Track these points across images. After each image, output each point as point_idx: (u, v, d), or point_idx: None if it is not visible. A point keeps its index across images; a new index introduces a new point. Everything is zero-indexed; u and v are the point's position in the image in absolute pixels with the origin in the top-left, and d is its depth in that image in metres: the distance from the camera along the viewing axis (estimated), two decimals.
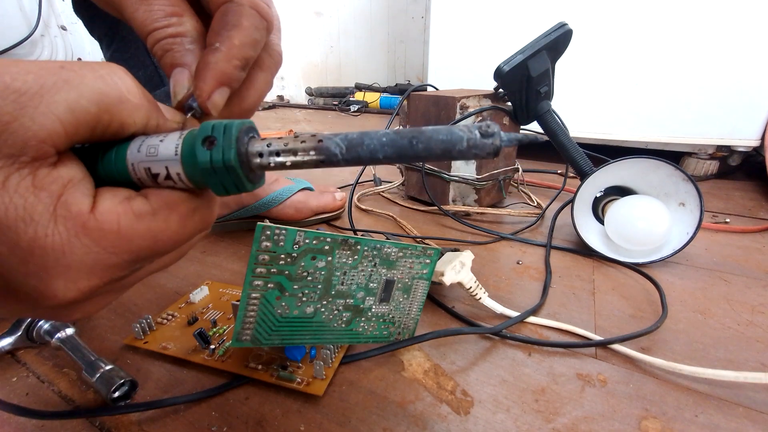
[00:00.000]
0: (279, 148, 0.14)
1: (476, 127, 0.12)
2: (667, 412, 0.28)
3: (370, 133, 0.13)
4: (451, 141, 0.12)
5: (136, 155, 0.15)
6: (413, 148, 0.13)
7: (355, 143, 0.13)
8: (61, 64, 0.13)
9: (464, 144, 0.12)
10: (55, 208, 0.13)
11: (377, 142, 0.13)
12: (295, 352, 0.30)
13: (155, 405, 0.28)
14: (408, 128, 0.13)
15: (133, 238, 0.14)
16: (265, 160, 0.14)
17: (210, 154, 0.14)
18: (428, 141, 0.13)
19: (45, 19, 1.26)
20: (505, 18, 0.87)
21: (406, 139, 0.13)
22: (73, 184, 0.13)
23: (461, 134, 0.12)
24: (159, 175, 0.15)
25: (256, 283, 0.25)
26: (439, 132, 0.13)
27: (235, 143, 0.14)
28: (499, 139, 0.12)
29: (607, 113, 0.85)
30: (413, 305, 0.32)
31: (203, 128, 0.14)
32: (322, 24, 2.20)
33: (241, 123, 0.14)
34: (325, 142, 0.13)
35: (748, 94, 0.72)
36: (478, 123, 0.13)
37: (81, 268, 0.13)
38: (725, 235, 0.57)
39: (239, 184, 0.14)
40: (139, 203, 0.14)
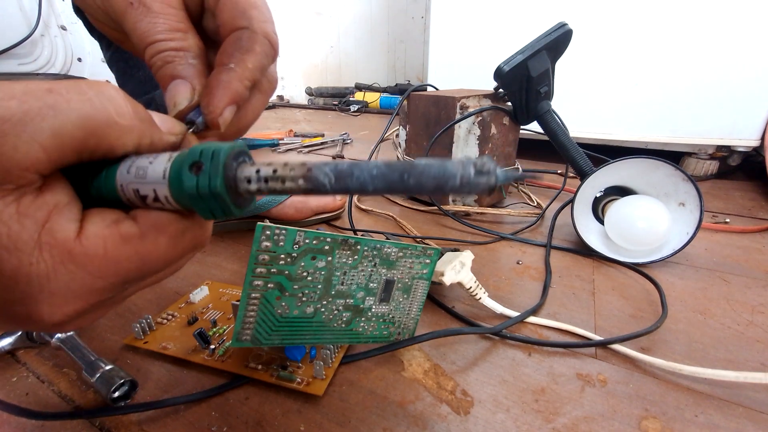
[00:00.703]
0: (268, 174, 0.13)
1: (471, 163, 0.12)
2: (667, 412, 0.28)
3: (360, 165, 0.13)
4: (443, 177, 0.12)
5: (125, 176, 0.15)
6: (404, 183, 0.12)
7: (344, 174, 0.13)
8: (48, 87, 0.12)
9: (457, 181, 0.12)
10: (39, 236, 0.13)
11: (367, 175, 0.12)
12: (295, 352, 0.31)
13: (155, 405, 0.28)
14: (400, 161, 0.12)
15: (120, 262, 0.14)
16: (253, 186, 0.14)
17: (197, 179, 0.13)
18: (420, 176, 0.12)
19: (45, 19, 1.26)
20: (505, 18, 0.87)
21: (396, 172, 0.12)
22: (59, 210, 0.13)
23: (454, 171, 0.12)
24: (147, 196, 0.15)
25: (256, 283, 0.25)
26: (432, 167, 0.12)
27: (222, 170, 0.13)
28: (494, 178, 0.12)
29: (607, 113, 0.85)
30: (413, 305, 0.32)
31: (192, 152, 0.14)
32: (322, 24, 2.20)
33: (230, 147, 0.14)
34: (314, 171, 0.13)
35: (748, 94, 0.72)
36: (474, 159, 0.12)
37: (66, 294, 0.13)
38: (725, 235, 0.57)
39: (226, 210, 0.14)
40: (127, 226, 0.14)
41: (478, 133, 0.58)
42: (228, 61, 0.17)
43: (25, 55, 1.24)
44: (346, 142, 1.21)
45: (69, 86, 0.13)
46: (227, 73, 0.17)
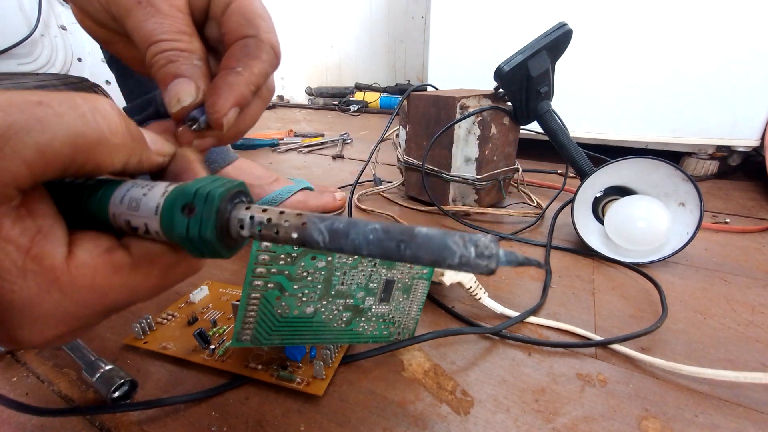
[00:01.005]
0: (261, 223, 0.13)
1: (473, 243, 0.11)
2: (667, 412, 0.28)
3: (358, 226, 0.12)
4: (441, 254, 0.11)
5: (117, 206, 0.14)
6: (399, 253, 0.12)
7: (339, 235, 0.12)
8: (38, 99, 0.12)
9: (456, 260, 0.11)
10: (24, 263, 0.12)
11: (363, 239, 0.12)
12: (295, 352, 0.31)
13: (155, 404, 0.28)
14: (399, 227, 0.12)
15: (109, 293, 0.14)
16: (245, 233, 0.13)
17: (188, 223, 0.13)
18: (417, 249, 0.12)
19: (45, 19, 1.26)
20: (505, 18, 0.87)
21: (394, 242, 0.12)
22: (43, 235, 0.13)
23: (454, 249, 0.11)
24: (138, 228, 0.14)
25: (256, 283, 0.25)
26: (432, 241, 0.11)
27: (214, 217, 0.13)
28: (495, 262, 0.11)
29: (607, 113, 0.85)
30: (413, 305, 0.32)
31: (185, 192, 0.13)
32: (322, 24, 2.20)
33: (225, 190, 0.13)
34: (308, 226, 0.13)
35: (748, 95, 0.72)
36: (477, 238, 0.11)
37: (48, 320, 0.13)
38: (725, 235, 0.57)
39: (215, 254, 0.14)
40: (119, 256, 0.14)
41: (478, 133, 0.58)
42: (235, 65, 0.18)
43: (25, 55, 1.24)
44: (346, 142, 1.21)
45: (62, 99, 0.12)
46: (235, 76, 0.18)
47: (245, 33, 0.18)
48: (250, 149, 1.13)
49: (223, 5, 0.19)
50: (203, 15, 0.20)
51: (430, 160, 0.63)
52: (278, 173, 0.60)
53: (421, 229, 0.12)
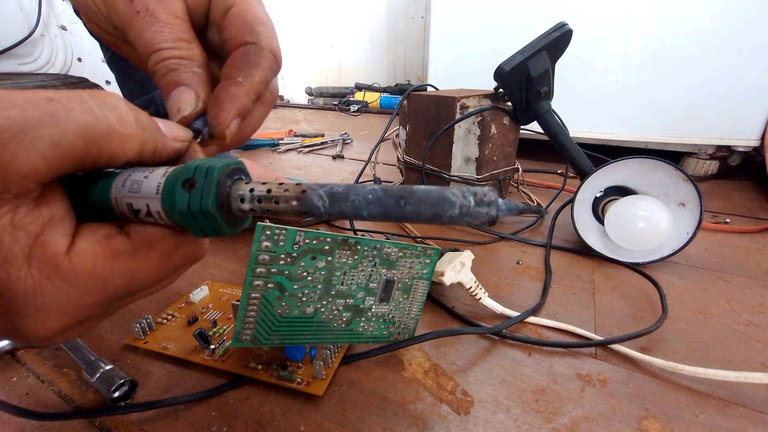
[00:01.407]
0: (261, 194, 0.13)
1: (471, 192, 0.11)
2: (667, 412, 0.28)
3: (356, 188, 0.12)
4: (441, 206, 0.11)
5: (120, 190, 0.14)
6: (400, 210, 0.12)
7: (339, 198, 0.12)
8: (49, 96, 0.12)
9: (456, 211, 0.11)
10: (30, 250, 0.12)
11: (362, 199, 0.12)
12: (295, 352, 0.30)
13: (155, 405, 0.28)
14: (398, 186, 0.12)
15: (109, 279, 0.14)
16: (246, 206, 0.13)
17: (188, 197, 0.13)
18: (417, 203, 0.12)
19: (45, 19, 1.26)
20: (505, 18, 0.87)
21: (393, 198, 0.12)
22: (54, 224, 0.13)
23: (453, 200, 0.11)
24: (140, 211, 0.14)
25: (256, 283, 0.25)
26: (430, 194, 0.12)
27: (215, 188, 0.13)
28: (495, 209, 0.11)
29: (607, 113, 0.85)
30: (413, 305, 0.32)
31: (186, 169, 0.13)
32: (322, 24, 2.19)
33: (225, 165, 0.13)
34: (308, 193, 0.13)
35: (748, 94, 0.72)
36: (474, 189, 0.11)
37: (52, 310, 0.13)
38: (725, 235, 0.57)
39: (217, 229, 0.14)
40: (118, 242, 0.14)
41: (478, 133, 0.58)
42: (236, 74, 0.18)
43: (25, 55, 1.24)
44: (346, 142, 1.21)
45: (70, 95, 0.13)
46: (236, 86, 0.18)
47: (246, 39, 0.18)
48: (250, 149, 1.13)
49: (223, 10, 0.19)
50: (204, 20, 0.20)
51: (430, 160, 0.63)
52: (278, 173, 0.60)
53: (419, 186, 0.12)
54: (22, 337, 0.14)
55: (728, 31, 0.70)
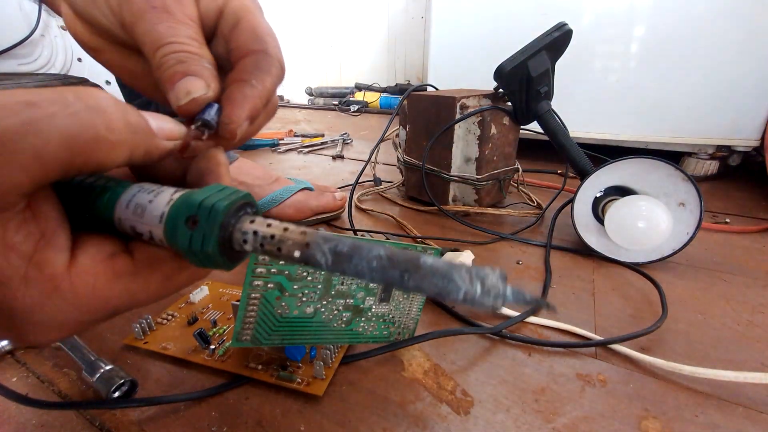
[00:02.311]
0: (264, 239, 0.13)
1: (479, 279, 0.11)
2: (667, 412, 0.28)
3: (362, 251, 0.12)
4: (446, 288, 0.11)
5: (123, 211, 0.14)
6: (403, 283, 0.11)
7: (342, 259, 0.12)
8: (27, 100, 0.11)
9: (460, 296, 0.11)
10: (26, 271, 0.12)
11: (366, 266, 0.12)
12: (295, 352, 0.30)
13: (154, 401, 0.28)
14: (405, 255, 0.12)
15: (109, 299, 0.14)
16: (248, 247, 0.13)
17: (190, 236, 0.13)
18: (421, 281, 0.11)
19: (45, 19, 1.26)
20: (505, 18, 0.87)
21: (398, 271, 0.11)
22: (46, 241, 0.13)
23: (459, 284, 0.11)
24: (143, 235, 0.14)
25: (256, 283, 0.25)
26: (436, 272, 0.11)
27: (218, 231, 0.13)
28: (501, 302, 0.11)
29: (607, 113, 0.85)
30: (413, 305, 0.32)
31: (190, 205, 0.13)
32: (322, 24, 2.19)
33: (231, 203, 0.13)
34: (311, 247, 0.12)
35: (748, 94, 0.72)
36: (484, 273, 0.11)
37: (51, 325, 0.13)
38: (725, 235, 0.57)
39: (218, 266, 0.14)
40: (122, 262, 0.14)
41: (478, 133, 0.58)
42: (249, 77, 0.18)
43: (25, 55, 1.24)
44: (346, 142, 1.21)
45: (52, 98, 0.11)
46: (250, 88, 0.18)
47: (255, 48, 0.19)
48: (250, 149, 1.13)
49: (232, 22, 0.19)
50: (212, 31, 0.20)
51: (430, 160, 0.63)
52: (278, 173, 0.60)
53: (426, 260, 0.11)
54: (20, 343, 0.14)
55: (728, 31, 0.70)
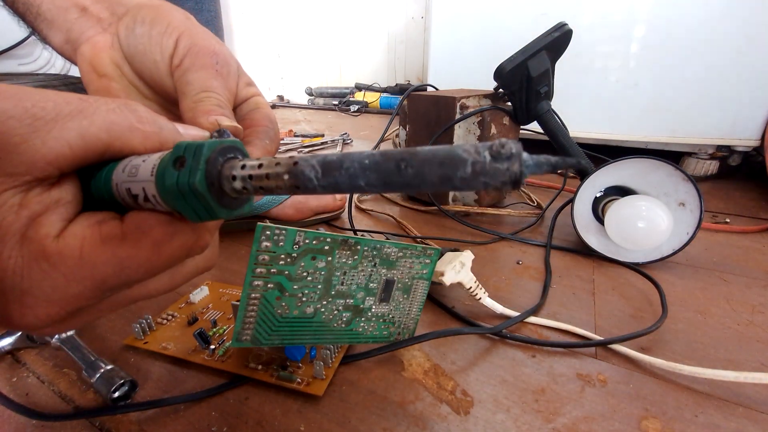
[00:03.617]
0: (252, 170, 0.12)
1: (486, 147, 0.09)
2: (667, 412, 0.28)
3: (351, 155, 0.11)
4: (450, 166, 0.09)
5: (119, 175, 0.14)
6: (401, 174, 0.10)
7: (332, 166, 0.11)
8: (80, 96, 0.14)
9: (468, 169, 0.09)
10: (26, 230, 0.13)
11: (358, 166, 0.11)
12: (295, 352, 0.30)
13: (155, 404, 0.28)
14: (399, 149, 0.10)
15: (96, 265, 0.13)
16: (238, 184, 0.13)
17: (177, 175, 0.12)
18: (421, 165, 0.10)
19: None
20: (505, 18, 0.87)
21: (392, 161, 0.10)
22: (57, 206, 0.13)
23: (465, 156, 0.09)
24: (138, 196, 0.14)
25: (256, 283, 0.25)
26: (436, 154, 0.10)
27: (203, 165, 0.12)
28: (518, 164, 0.09)
29: (607, 113, 0.85)
30: (413, 305, 0.32)
31: (176, 147, 0.13)
32: (322, 24, 2.19)
33: (217, 142, 0.13)
34: (300, 164, 0.12)
35: (748, 94, 0.72)
36: (489, 143, 0.09)
37: (38, 295, 0.13)
38: (725, 235, 0.57)
39: (210, 210, 0.13)
40: (110, 227, 0.14)
41: (478, 133, 0.58)
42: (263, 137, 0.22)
43: (25, 55, 1.24)
44: (346, 142, 1.21)
45: (97, 98, 0.14)
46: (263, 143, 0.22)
47: (267, 124, 0.23)
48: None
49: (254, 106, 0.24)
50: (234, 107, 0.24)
51: None
52: None
53: (423, 147, 0.10)
54: (9, 322, 0.13)
55: (728, 31, 0.70)
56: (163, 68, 0.22)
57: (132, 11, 0.23)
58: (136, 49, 0.22)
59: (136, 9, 0.23)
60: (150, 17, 0.22)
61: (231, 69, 0.23)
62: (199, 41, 0.22)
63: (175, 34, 0.22)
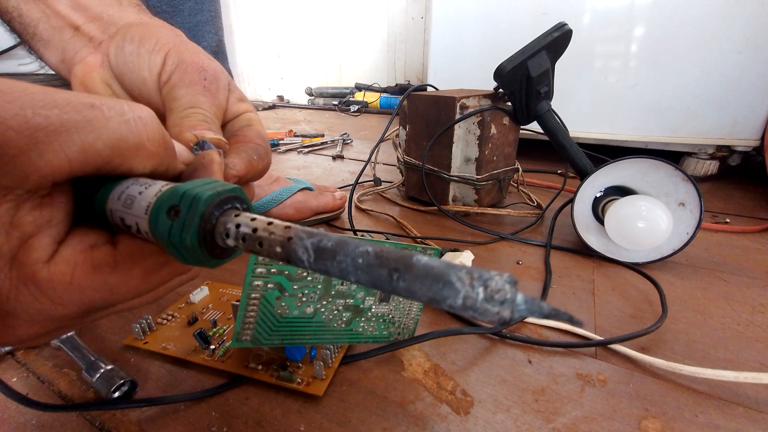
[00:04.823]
0: (246, 233, 0.12)
1: (482, 281, 0.09)
2: (667, 412, 0.28)
3: (347, 247, 0.10)
4: (441, 291, 0.09)
5: (115, 202, 0.14)
6: (392, 284, 0.10)
7: (325, 255, 0.11)
8: (92, 102, 0.12)
9: (458, 301, 0.09)
10: (18, 252, 0.12)
11: (350, 263, 0.10)
12: (295, 352, 0.31)
13: (155, 402, 0.28)
14: (395, 252, 0.10)
15: (85, 291, 0.13)
16: (230, 242, 0.12)
17: (170, 226, 0.12)
18: (413, 281, 0.09)
19: None
20: (505, 18, 0.87)
21: (386, 269, 0.10)
22: (49, 227, 0.13)
23: (457, 286, 0.09)
24: (131, 227, 0.14)
25: (256, 283, 0.25)
26: (430, 272, 0.09)
27: (197, 221, 0.12)
28: (509, 311, 0.09)
29: (607, 113, 0.85)
30: (413, 305, 0.32)
31: (173, 194, 0.13)
32: (322, 24, 2.20)
33: (215, 194, 0.13)
34: (294, 242, 0.11)
35: (748, 94, 0.72)
36: (488, 275, 0.09)
37: (22, 317, 0.13)
38: (725, 235, 0.57)
39: (199, 261, 0.13)
40: (102, 253, 0.14)
41: (477, 133, 0.58)
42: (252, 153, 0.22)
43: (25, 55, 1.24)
44: (346, 142, 1.21)
45: (111, 104, 0.13)
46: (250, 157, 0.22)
47: (258, 142, 0.23)
48: None
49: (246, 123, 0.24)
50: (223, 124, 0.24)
51: (430, 160, 0.63)
52: (278, 173, 0.60)
53: (419, 258, 0.10)
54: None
55: (728, 31, 0.70)
56: (152, 85, 0.22)
57: (122, 30, 0.23)
58: (125, 67, 0.22)
59: (126, 28, 0.23)
60: (139, 35, 0.22)
61: (220, 84, 0.22)
62: (187, 57, 0.22)
63: (164, 51, 0.21)
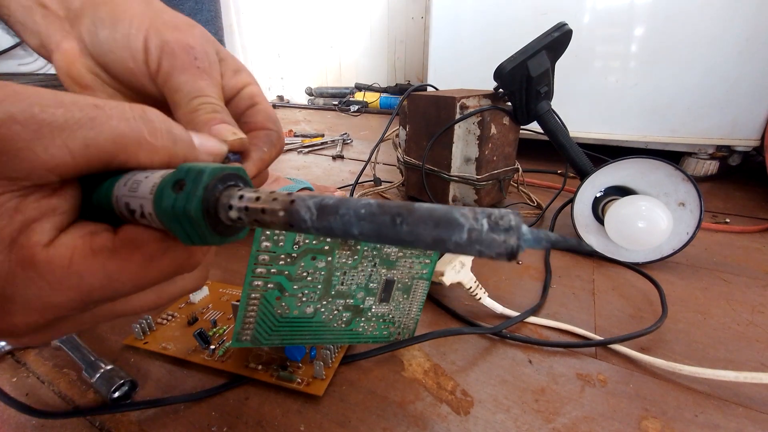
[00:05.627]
0: (249, 202, 0.12)
1: (485, 214, 0.09)
2: (667, 412, 0.28)
3: (349, 201, 0.11)
4: (446, 229, 0.09)
5: (120, 188, 0.14)
6: (395, 229, 0.10)
7: (328, 210, 0.11)
8: (95, 103, 0.13)
9: (463, 236, 0.09)
10: (18, 235, 0.13)
11: (353, 214, 0.11)
12: (295, 352, 0.31)
13: (155, 404, 0.28)
14: (397, 202, 0.10)
15: (84, 276, 0.13)
16: (233, 214, 0.13)
17: (174, 198, 0.12)
18: (416, 223, 0.10)
19: None
20: (505, 18, 0.87)
21: (388, 215, 0.10)
22: (53, 215, 0.13)
23: (462, 221, 0.09)
24: (135, 211, 0.14)
25: (256, 283, 0.25)
26: (433, 214, 0.10)
27: (201, 191, 0.12)
28: (515, 238, 0.09)
29: (607, 113, 0.85)
30: (413, 305, 0.32)
31: (179, 169, 0.13)
32: (322, 24, 2.20)
33: (219, 169, 0.13)
34: (296, 203, 0.11)
35: (748, 94, 0.72)
36: (490, 210, 0.09)
37: (19, 302, 0.13)
38: (725, 235, 0.57)
39: (202, 237, 0.13)
40: (101, 239, 0.14)
41: (477, 133, 0.58)
42: (262, 146, 0.22)
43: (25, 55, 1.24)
44: (346, 142, 1.21)
45: (114, 105, 0.14)
46: (260, 152, 0.22)
47: (268, 126, 0.23)
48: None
49: (249, 102, 0.23)
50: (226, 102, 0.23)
51: (430, 160, 0.63)
52: (278, 173, 0.60)
53: (421, 203, 0.10)
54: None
55: (728, 31, 0.70)
56: (141, 75, 0.21)
57: (87, 11, 0.21)
58: (106, 56, 0.21)
59: (91, 8, 0.21)
60: (108, 16, 0.21)
61: (211, 59, 0.21)
62: (169, 36, 0.20)
63: (141, 33, 0.20)
